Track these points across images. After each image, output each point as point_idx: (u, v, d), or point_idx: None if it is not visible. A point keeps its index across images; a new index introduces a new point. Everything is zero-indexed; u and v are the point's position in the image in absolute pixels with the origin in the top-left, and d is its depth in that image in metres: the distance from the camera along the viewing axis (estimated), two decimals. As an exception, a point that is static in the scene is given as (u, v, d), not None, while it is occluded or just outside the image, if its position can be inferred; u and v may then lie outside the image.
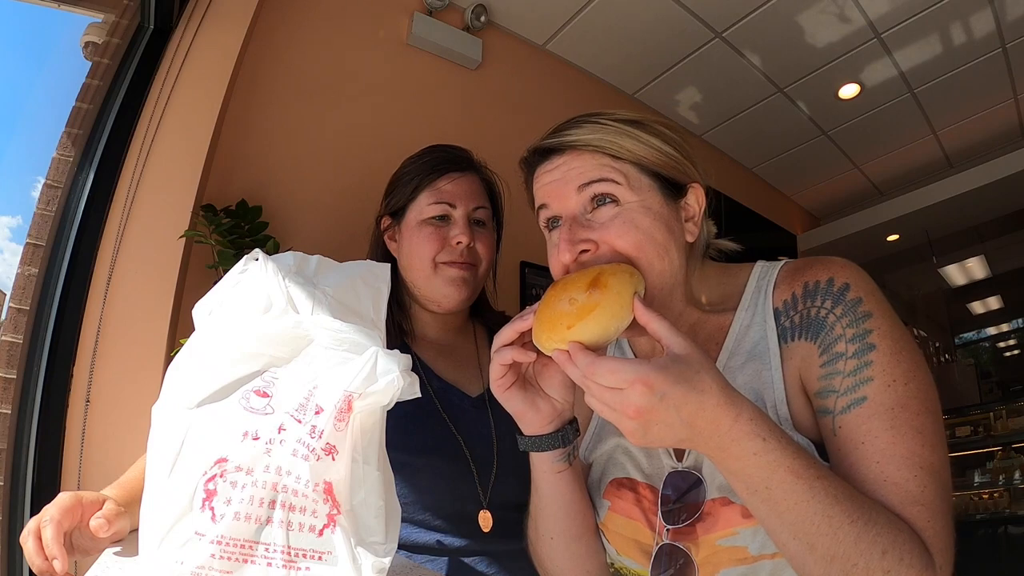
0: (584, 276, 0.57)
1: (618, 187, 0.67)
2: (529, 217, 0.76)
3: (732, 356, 0.70)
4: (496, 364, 0.64)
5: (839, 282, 0.64)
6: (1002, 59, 2.65)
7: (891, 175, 3.72)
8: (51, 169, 1.34)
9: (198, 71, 1.48)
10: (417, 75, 2.05)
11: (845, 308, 0.62)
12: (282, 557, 0.52)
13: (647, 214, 0.66)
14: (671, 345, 0.52)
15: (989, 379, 5.06)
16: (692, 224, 0.71)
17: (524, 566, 0.91)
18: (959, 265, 4.57)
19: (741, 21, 2.34)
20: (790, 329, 0.67)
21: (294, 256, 0.71)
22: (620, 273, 0.57)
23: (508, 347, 0.63)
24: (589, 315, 0.54)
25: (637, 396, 0.49)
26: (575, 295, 0.56)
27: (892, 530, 0.51)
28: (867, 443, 0.57)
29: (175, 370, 0.59)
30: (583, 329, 0.54)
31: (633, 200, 0.67)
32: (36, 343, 1.22)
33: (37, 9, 1.49)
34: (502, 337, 0.63)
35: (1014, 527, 3.29)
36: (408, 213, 1.03)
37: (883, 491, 0.55)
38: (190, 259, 1.39)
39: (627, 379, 0.49)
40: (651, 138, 0.69)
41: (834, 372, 0.61)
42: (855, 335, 0.61)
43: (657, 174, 0.69)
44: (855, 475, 0.56)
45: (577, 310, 0.55)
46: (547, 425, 0.67)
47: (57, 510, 0.63)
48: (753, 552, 0.61)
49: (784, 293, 0.69)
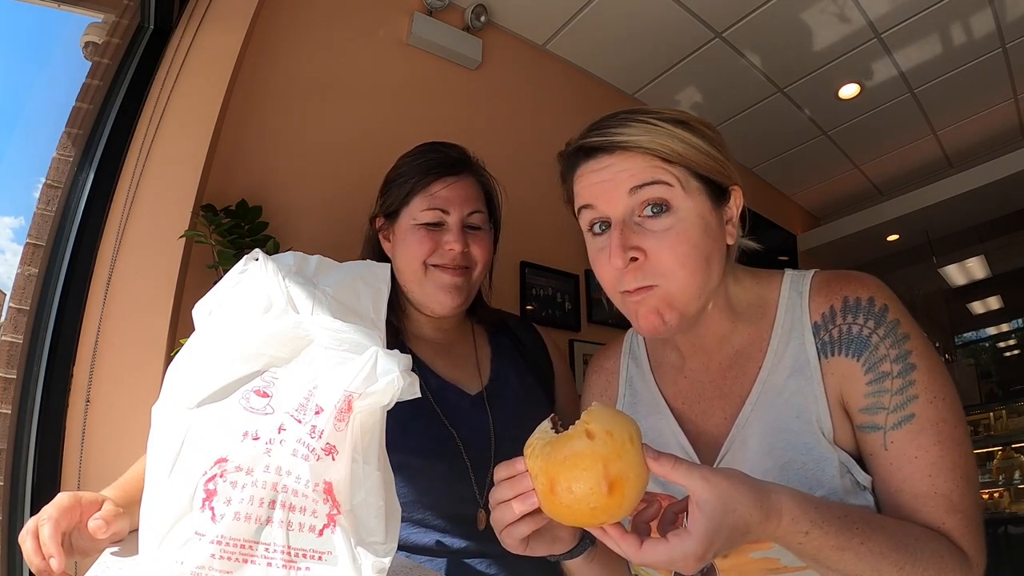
0: (589, 472, 0.50)
1: (671, 190, 0.66)
2: (529, 217, 0.76)
3: (773, 372, 0.71)
4: (513, 542, 0.60)
5: (879, 303, 0.67)
6: (1002, 59, 2.65)
7: (891, 175, 3.72)
8: (51, 169, 1.34)
9: (198, 71, 1.47)
10: (417, 75, 2.05)
11: (887, 330, 0.66)
12: (282, 557, 0.52)
13: (699, 224, 0.66)
14: (696, 492, 0.51)
15: (989, 379, 5.07)
16: (731, 226, 0.71)
17: (524, 567, 0.91)
18: (959, 265, 4.57)
19: (741, 21, 2.34)
20: (830, 344, 0.69)
21: (294, 256, 0.70)
22: (624, 452, 0.51)
23: (518, 523, 0.58)
24: (618, 511, 0.51)
25: (691, 564, 0.50)
26: (594, 502, 0.50)
27: (935, 559, 0.57)
28: (920, 457, 0.62)
29: (175, 370, 0.59)
30: (615, 520, 0.53)
31: (686, 206, 0.66)
32: (36, 343, 1.22)
33: (37, 9, 1.49)
34: (504, 518, 0.58)
35: (1014, 527, 3.29)
36: (401, 216, 1.02)
37: (933, 503, 0.60)
38: (190, 259, 1.39)
39: (678, 559, 0.51)
40: (697, 139, 0.67)
41: (882, 390, 0.64)
42: (897, 356, 0.65)
43: (705, 178, 0.68)
44: (908, 487, 0.62)
45: (603, 512, 0.51)
46: (572, 541, 0.66)
47: (55, 510, 0.63)
48: (785, 563, 0.63)
49: (822, 306, 0.70)
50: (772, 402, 0.70)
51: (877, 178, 3.77)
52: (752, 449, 0.69)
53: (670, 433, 0.77)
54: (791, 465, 0.66)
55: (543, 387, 1.11)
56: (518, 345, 1.15)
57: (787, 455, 0.67)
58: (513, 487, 0.57)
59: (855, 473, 0.65)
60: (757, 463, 0.67)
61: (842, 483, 0.64)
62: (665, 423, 0.78)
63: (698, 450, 0.74)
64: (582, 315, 2.30)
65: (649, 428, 0.79)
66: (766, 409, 0.70)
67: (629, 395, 0.86)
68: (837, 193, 3.92)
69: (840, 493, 0.64)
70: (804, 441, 0.67)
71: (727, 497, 0.51)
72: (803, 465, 0.66)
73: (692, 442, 0.75)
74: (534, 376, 1.10)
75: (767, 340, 0.73)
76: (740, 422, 0.71)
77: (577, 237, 0.84)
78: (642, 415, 0.81)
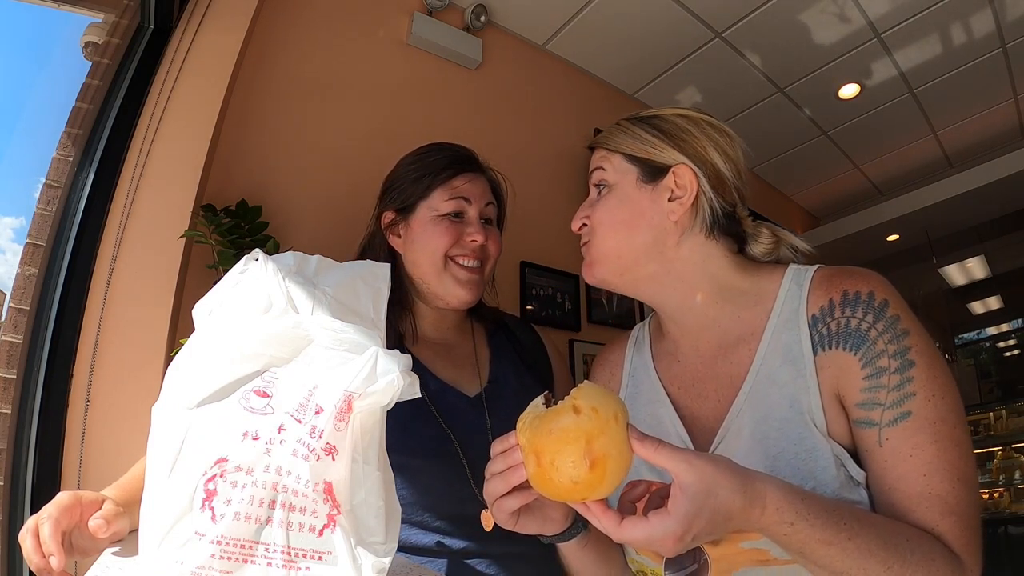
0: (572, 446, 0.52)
1: (604, 174, 0.82)
2: (529, 217, 0.78)
3: (766, 361, 0.72)
4: (503, 516, 0.63)
5: (879, 297, 0.67)
6: (1002, 59, 2.65)
7: (891, 175, 3.72)
8: (51, 169, 1.34)
9: (198, 71, 1.47)
10: (417, 75, 2.05)
11: (886, 324, 0.65)
12: (282, 557, 0.52)
13: (616, 196, 0.80)
14: (679, 474, 0.52)
15: (989, 379, 5.06)
16: (677, 204, 0.77)
17: (524, 568, 0.91)
18: (959, 265, 4.56)
19: (741, 21, 2.34)
20: (827, 337, 0.69)
21: (294, 256, 0.71)
22: (607, 427, 0.52)
23: (507, 496, 0.61)
24: (600, 487, 0.52)
25: (670, 544, 0.52)
26: (575, 475, 0.51)
27: (926, 562, 0.56)
28: (915, 456, 0.61)
29: (175, 370, 0.59)
30: (596, 496, 0.54)
31: (613, 182, 0.81)
32: (36, 343, 1.21)
33: (37, 9, 1.49)
34: (495, 490, 0.61)
35: (1014, 527, 3.29)
36: (419, 209, 1.03)
37: (927, 503, 0.60)
38: (190, 259, 1.39)
39: (657, 538, 0.51)
40: (638, 129, 0.80)
41: (878, 386, 0.64)
42: (896, 351, 0.64)
43: (636, 159, 0.80)
44: (902, 486, 0.61)
45: (585, 488, 0.52)
46: (564, 522, 0.68)
47: (55, 508, 0.63)
48: (775, 555, 0.63)
49: (821, 299, 0.71)
50: (766, 391, 0.71)
51: (877, 178, 3.77)
52: (745, 439, 0.70)
53: (669, 422, 0.78)
54: (783, 456, 0.67)
55: (542, 387, 1.10)
56: (517, 345, 1.15)
57: (779, 445, 0.67)
58: (504, 460, 0.60)
59: (848, 467, 0.65)
60: (749, 452, 0.68)
61: (835, 476, 0.64)
62: (664, 411, 0.80)
63: (694, 438, 0.76)
64: (582, 315, 2.30)
65: (649, 416, 0.81)
66: (760, 398, 0.71)
67: (632, 385, 0.87)
68: (837, 193, 3.92)
69: (833, 487, 0.64)
70: (796, 431, 0.67)
71: (710, 481, 0.52)
72: (795, 455, 0.66)
73: (688, 428, 0.77)
74: (533, 377, 1.10)
75: (762, 328, 0.74)
76: (734, 412, 0.72)
77: (577, 237, 0.85)
78: (642, 404, 0.83)
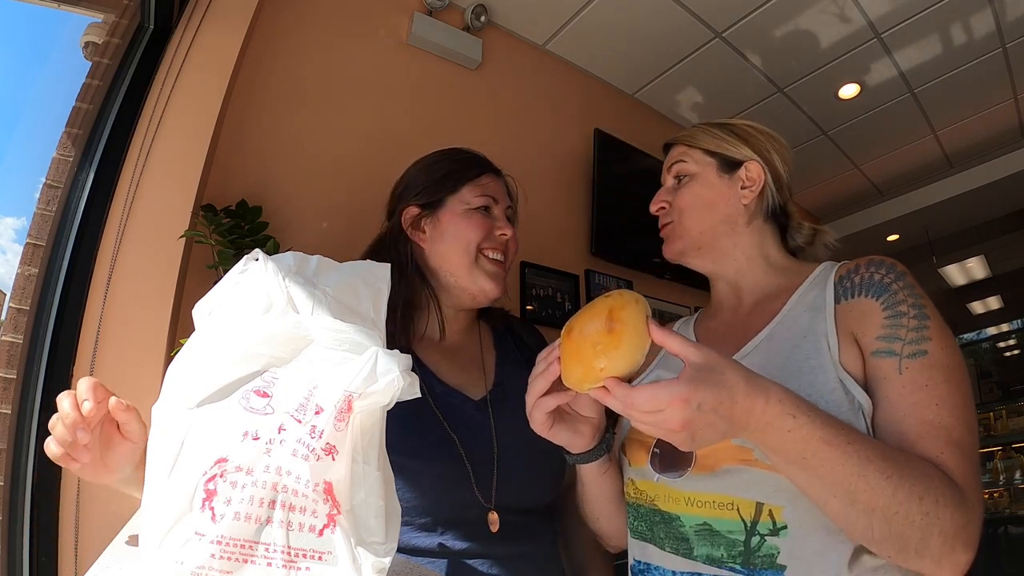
0: (598, 317, 0.62)
1: (685, 165, 0.96)
2: (529, 218, 0.78)
3: (791, 311, 0.81)
4: (540, 414, 0.71)
5: (900, 268, 0.76)
6: (1002, 59, 2.64)
7: (891, 175, 3.72)
8: (51, 169, 1.34)
9: (198, 71, 1.47)
10: (417, 75, 2.05)
11: (906, 285, 0.73)
12: (282, 557, 0.52)
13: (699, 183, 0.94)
14: (689, 356, 0.58)
15: (989, 379, 5.05)
16: (748, 192, 0.92)
17: (526, 568, 0.91)
18: (959, 265, 4.57)
19: (741, 21, 2.34)
20: (851, 288, 0.76)
21: (294, 256, 0.70)
22: (628, 305, 0.62)
23: (546, 396, 0.69)
24: (615, 352, 0.59)
25: (677, 412, 0.54)
26: (596, 339, 0.60)
27: (925, 478, 0.58)
28: (930, 387, 0.65)
29: (175, 370, 0.59)
30: (613, 367, 0.59)
31: (695, 172, 0.94)
32: (36, 343, 1.21)
33: (37, 9, 1.49)
34: (536, 389, 0.69)
35: (1014, 527, 3.29)
36: (448, 204, 1.06)
37: (935, 432, 0.63)
38: (190, 259, 1.39)
39: (664, 401, 0.54)
40: (716, 130, 0.96)
41: (899, 324, 0.70)
42: (914, 304, 0.71)
43: (716, 153, 0.95)
44: (916, 412, 0.65)
45: (603, 351, 0.60)
46: (591, 442, 0.78)
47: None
48: (757, 456, 0.67)
49: (847, 267, 0.80)
50: (787, 329, 0.79)
51: (877, 178, 3.77)
52: (756, 360, 0.76)
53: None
54: (788, 365, 0.72)
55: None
56: (522, 348, 1.16)
57: (788, 360, 0.73)
58: (545, 360, 0.68)
59: (854, 392, 0.68)
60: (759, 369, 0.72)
61: (841, 400, 0.67)
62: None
63: None
64: (582, 315, 2.30)
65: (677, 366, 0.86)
66: (779, 333, 0.79)
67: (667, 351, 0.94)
68: (837, 193, 3.91)
69: (834, 407, 0.67)
70: (806, 352, 0.72)
71: (716, 361, 0.57)
72: (800, 367, 0.71)
73: None
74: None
75: (795, 290, 0.84)
76: (751, 346, 0.80)
77: (577, 237, 0.86)
78: (675, 366, 0.86)
